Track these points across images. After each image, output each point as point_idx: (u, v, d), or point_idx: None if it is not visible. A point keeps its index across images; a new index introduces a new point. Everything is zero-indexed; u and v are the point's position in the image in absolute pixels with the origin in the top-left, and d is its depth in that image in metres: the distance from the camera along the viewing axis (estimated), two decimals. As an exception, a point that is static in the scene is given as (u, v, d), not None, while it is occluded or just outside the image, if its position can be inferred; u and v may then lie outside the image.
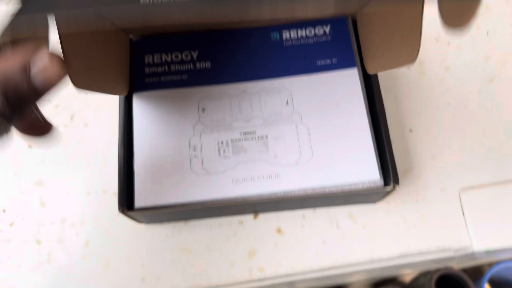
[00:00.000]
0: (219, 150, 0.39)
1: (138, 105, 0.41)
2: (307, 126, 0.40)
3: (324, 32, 0.44)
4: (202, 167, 0.39)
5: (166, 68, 0.42)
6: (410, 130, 0.47)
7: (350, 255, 0.43)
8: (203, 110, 0.41)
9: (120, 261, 0.43)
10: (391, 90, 0.49)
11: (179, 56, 0.43)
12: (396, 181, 0.37)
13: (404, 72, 0.50)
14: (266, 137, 0.40)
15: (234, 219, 0.44)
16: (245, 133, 0.40)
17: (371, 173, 0.39)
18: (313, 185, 0.38)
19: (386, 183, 0.39)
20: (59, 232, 0.44)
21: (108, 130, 0.47)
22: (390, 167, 0.38)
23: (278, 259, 0.43)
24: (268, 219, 0.44)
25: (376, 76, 0.41)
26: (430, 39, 0.51)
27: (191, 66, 0.43)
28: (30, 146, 0.48)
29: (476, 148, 0.47)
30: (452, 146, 0.47)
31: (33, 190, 0.46)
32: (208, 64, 0.43)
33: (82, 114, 0.49)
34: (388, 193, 0.39)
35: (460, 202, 0.45)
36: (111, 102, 0.46)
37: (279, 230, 0.44)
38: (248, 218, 0.44)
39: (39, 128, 0.31)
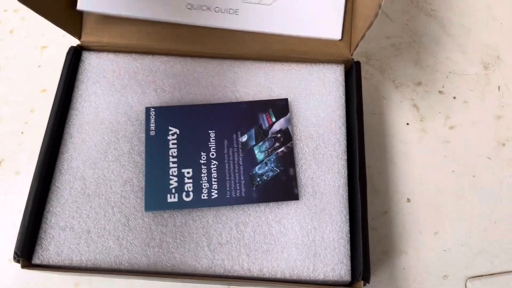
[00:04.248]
0: None
1: None
2: None
3: None
4: None
5: None
6: (408, 200, 0.40)
7: None
8: None
9: None
10: (387, 150, 0.41)
11: None
12: (367, 279, 0.30)
13: (402, 129, 0.42)
14: None
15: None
16: None
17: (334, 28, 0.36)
18: (273, 30, 0.36)
19: (354, 277, 0.32)
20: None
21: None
22: (362, 256, 0.30)
23: None
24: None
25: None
26: (432, 92, 0.44)
27: None
28: None
29: (486, 226, 0.39)
30: (458, 223, 0.39)
31: None
32: None
33: (14, 159, 0.40)
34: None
35: (466, 293, 0.37)
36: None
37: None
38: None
39: None
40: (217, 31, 0.36)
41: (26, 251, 0.30)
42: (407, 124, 0.43)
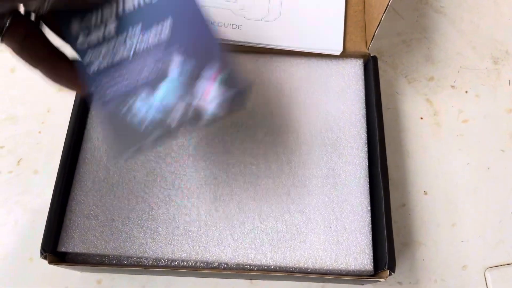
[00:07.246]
0: None
1: None
2: None
3: None
4: None
5: None
6: (425, 193, 0.40)
7: None
8: None
9: None
10: (402, 144, 0.42)
11: None
12: (392, 268, 0.30)
13: (417, 124, 0.43)
14: None
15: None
16: None
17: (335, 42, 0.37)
18: (275, 45, 0.36)
19: (376, 266, 0.32)
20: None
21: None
22: (386, 245, 0.30)
23: None
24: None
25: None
26: (445, 86, 0.44)
27: None
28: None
29: (502, 217, 0.39)
30: (474, 215, 0.39)
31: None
32: None
33: (32, 158, 0.40)
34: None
35: (486, 283, 0.37)
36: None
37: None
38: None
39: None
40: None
41: (52, 247, 0.31)
42: (421, 118, 0.43)
